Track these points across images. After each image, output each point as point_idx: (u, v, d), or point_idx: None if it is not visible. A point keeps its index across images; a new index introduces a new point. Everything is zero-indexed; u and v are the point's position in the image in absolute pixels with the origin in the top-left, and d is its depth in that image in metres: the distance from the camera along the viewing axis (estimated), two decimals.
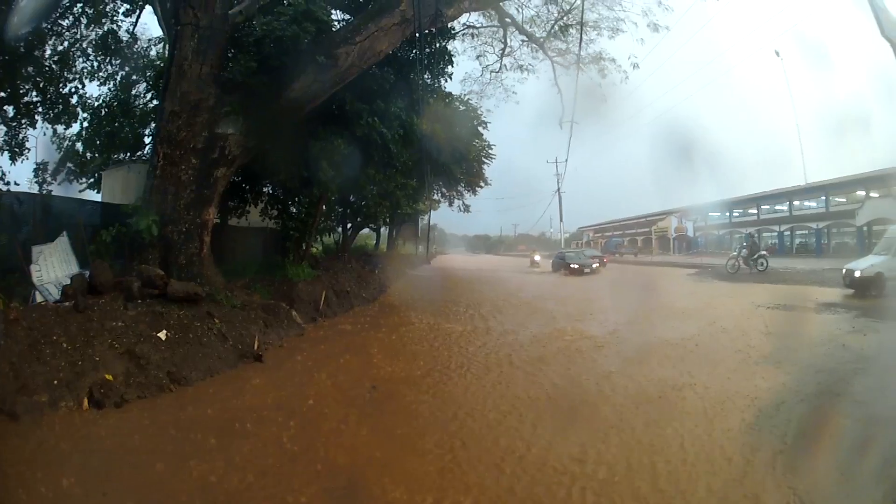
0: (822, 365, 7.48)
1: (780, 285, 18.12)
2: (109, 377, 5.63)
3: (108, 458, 4.32)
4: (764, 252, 23.82)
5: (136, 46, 13.83)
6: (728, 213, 46.35)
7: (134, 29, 13.49)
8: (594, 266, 27.50)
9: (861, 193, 32.86)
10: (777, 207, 41.28)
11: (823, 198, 35.82)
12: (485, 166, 22.05)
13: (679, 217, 51.03)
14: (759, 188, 39.45)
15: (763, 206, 42.30)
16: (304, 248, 14.57)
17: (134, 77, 13.93)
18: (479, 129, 20.92)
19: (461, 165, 19.53)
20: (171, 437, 4.75)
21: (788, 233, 39.93)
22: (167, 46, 11.51)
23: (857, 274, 15.14)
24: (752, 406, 5.72)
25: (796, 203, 39.14)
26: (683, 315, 12.29)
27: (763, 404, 5.76)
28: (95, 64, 13.06)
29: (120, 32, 13.16)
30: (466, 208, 23.82)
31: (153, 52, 14.25)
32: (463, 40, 18.70)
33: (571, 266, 27.17)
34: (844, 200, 34.58)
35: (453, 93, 19.48)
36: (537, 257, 37.19)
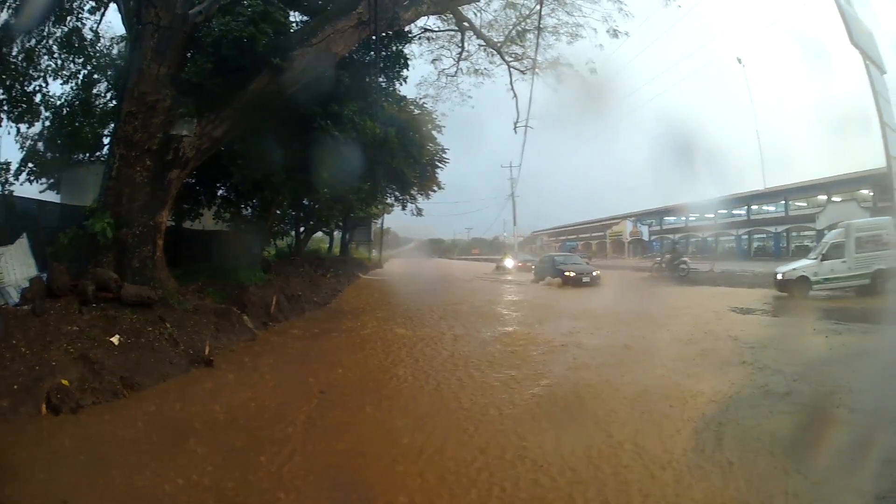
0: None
1: (702, 287, 20.05)
2: (66, 382, 5.75)
3: (67, 464, 4.42)
4: (685, 258, 25.54)
5: (99, 45, 13.60)
6: (684, 218, 47.78)
7: (98, 27, 13.34)
8: (594, 274, 22.50)
9: (822, 198, 34.24)
10: (735, 212, 42.42)
11: (783, 202, 37.29)
12: (438, 170, 22.09)
13: (634, 221, 52.34)
14: (727, 191, 40.00)
15: (721, 211, 43.43)
16: (255, 251, 14.70)
17: (96, 76, 13.71)
18: (434, 132, 21.10)
19: (415, 169, 19.54)
20: (125, 443, 4.87)
21: (746, 236, 41.38)
22: (129, 45, 11.46)
23: (779, 276, 16.31)
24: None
25: (755, 207, 40.47)
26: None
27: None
28: (60, 62, 12.85)
29: (84, 30, 13.00)
30: (419, 212, 24.01)
31: (115, 51, 14.00)
32: (420, 44, 18.82)
33: (566, 274, 22.32)
34: (805, 204, 36.06)
35: (408, 96, 19.67)
36: (508, 262, 33.99)
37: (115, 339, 6.99)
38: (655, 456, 4.67)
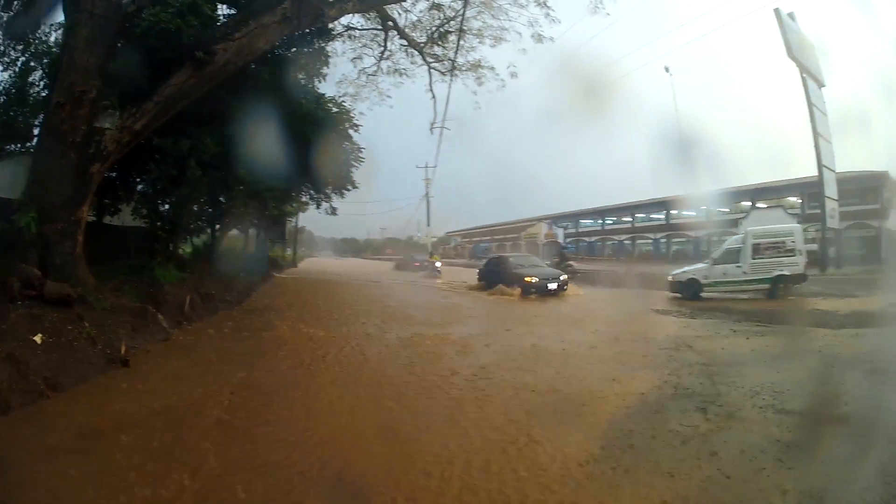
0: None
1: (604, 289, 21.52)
2: None
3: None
4: (571, 262, 27.75)
5: (39, 31, 13.25)
6: (601, 221, 49.82)
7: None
8: (562, 279, 19.10)
9: (747, 204, 35.94)
10: (654, 216, 44.28)
11: (703, 207, 38.43)
12: (354, 169, 22.08)
13: (550, 224, 53.70)
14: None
15: (639, 215, 45.51)
16: (171, 248, 14.85)
17: (32, 63, 13.35)
18: (351, 131, 21.05)
19: (330, 167, 19.74)
20: (49, 447, 4.95)
21: (665, 240, 43.00)
22: (64, 33, 11.28)
23: (670, 278, 17.63)
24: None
25: (675, 212, 41.90)
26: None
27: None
28: (2, 48, 12.55)
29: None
30: (334, 211, 23.89)
31: (52, 38, 13.63)
32: (343, 42, 18.82)
33: (527, 281, 18.55)
34: (728, 210, 37.52)
35: (327, 94, 19.63)
36: (438, 264, 31.54)
37: (38, 339, 7.17)
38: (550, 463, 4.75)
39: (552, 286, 18.57)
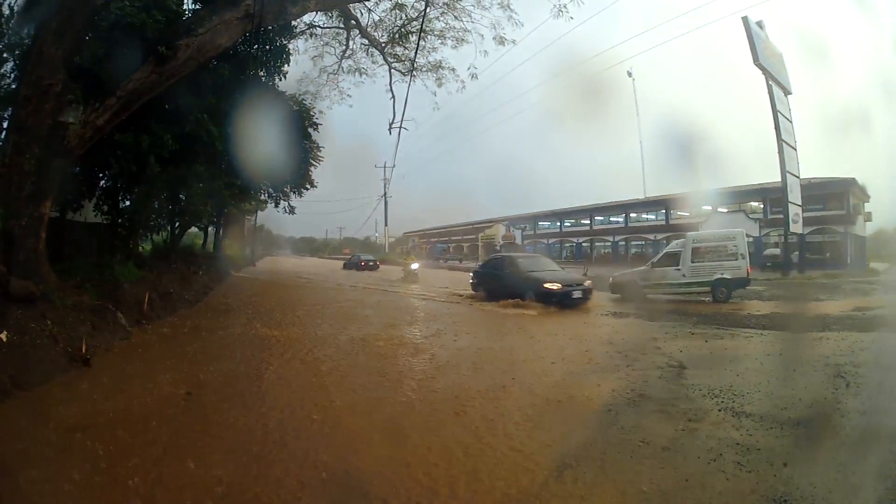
0: None
1: None
2: None
3: None
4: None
5: (13, 21, 12.76)
6: (559, 223, 50.28)
7: (14, 2, 12.51)
8: (586, 285, 15.91)
9: (707, 208, 36.10)
10: (613, 219, 44.97)
11: (663, 211, 39.23)
12: (312, 168, 21.95)
13: (508, 225, 53.51)
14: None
15: (598, 217, 46.14)
16: (131, 246, 14.83)
17: (5, 55, 12.97)
18: (310, 130, 20.81)
19: (289, 166, 19.33)
20: (18, 449, 4.97)
21: (623, 243, 43.69)
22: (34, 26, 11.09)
23: (611, 279, 18.04)
24: None
25: (634, 215, 42.86)
26: None
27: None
28: None
29: (3, 6, 12.28)
30: (292, 210, 23.89)
31: (25, 30, 12.97)
32: (305, 40, 19.06)
33: (547, 288, 15.10)
34: (687, 214, 37.56)
35: (287, 92, 19.45)
36: (415, 265, 28.41)
37: (3, 336, 7.25)
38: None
39: (577, 295, 15.37)
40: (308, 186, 22.87)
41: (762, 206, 35.04)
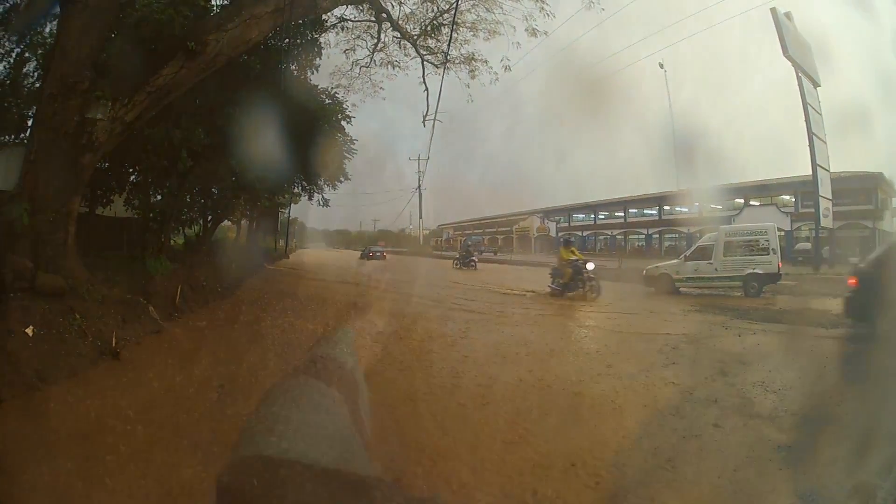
0: None
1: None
2: None
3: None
4: (474, 257, 28.31)
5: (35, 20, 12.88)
6: (593, 216, 48.57)
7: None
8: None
9: (740, 201, 34.77)
10: (647, 211, 43.09)
11: (697, 204, 37.04)
12: (346, 161, 21.22)
13: (542, 217, 51.43)
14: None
15: (632, 210, 44.21)
16: (162, 240, 14.71)
17: (27, 54, 13.21)
18: (343, 123, 20.15)
19: (322, 159, 18.82)
20: (41, 441, 4.97)
21: (657, 235, 42.00)
22: (59, 23, 11.05)
23: (644, 272, 17.84)
24: None
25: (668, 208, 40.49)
26: None
27: None
28: None
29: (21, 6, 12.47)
30: (326, 203, 23.72)
31: (47, 30, 13.24)
32: (338, 33, 18.56)
33: None
34: (720, 207, 35.62)
35: (319, 85, 19.11)
36: (591, 265, 24.64)
37: (29, 331, 7.26)
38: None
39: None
40: (342, 179, 22.32)
41: (793, 199, 33.49)
